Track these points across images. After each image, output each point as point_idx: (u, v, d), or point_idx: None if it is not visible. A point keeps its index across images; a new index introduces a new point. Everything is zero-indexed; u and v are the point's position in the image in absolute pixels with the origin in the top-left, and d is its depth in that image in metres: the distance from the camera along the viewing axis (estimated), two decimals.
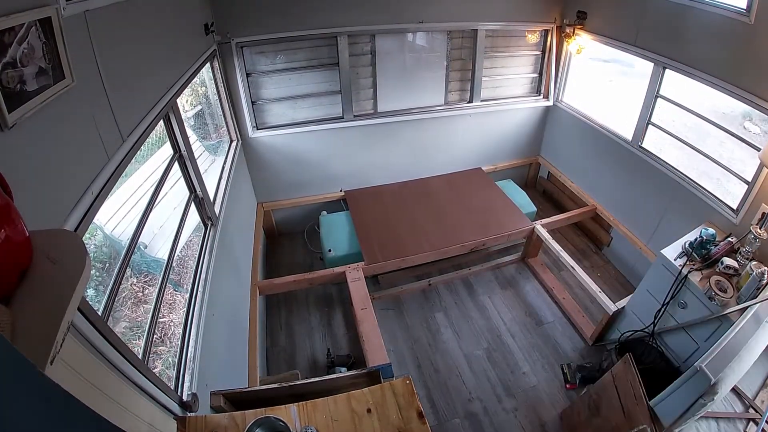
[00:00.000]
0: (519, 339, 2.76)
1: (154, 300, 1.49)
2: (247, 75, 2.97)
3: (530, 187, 4.25)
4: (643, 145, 2.85)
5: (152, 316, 1.43)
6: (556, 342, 2.74)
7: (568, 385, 2.49)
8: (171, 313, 1.92)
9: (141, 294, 1.93)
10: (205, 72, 2.76)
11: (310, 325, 2.92)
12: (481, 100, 3.56)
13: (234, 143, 3.04)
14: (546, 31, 3.43)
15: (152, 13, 1.69)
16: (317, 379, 1.76)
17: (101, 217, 1.70)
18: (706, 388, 1.58)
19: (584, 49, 3.19)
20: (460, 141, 3.70)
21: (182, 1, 2.12)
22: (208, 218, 2.17)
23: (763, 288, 1.87)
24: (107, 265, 1.70)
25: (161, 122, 1.79)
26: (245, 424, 1.21)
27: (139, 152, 1.46)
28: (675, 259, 2.14)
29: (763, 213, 2.04)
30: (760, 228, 2.02)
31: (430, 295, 3.11)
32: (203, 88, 2.97)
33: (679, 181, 2.57)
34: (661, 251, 2.20)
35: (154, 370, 1.25)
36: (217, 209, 2.31)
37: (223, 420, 1.27)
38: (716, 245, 2.13)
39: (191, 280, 1.82)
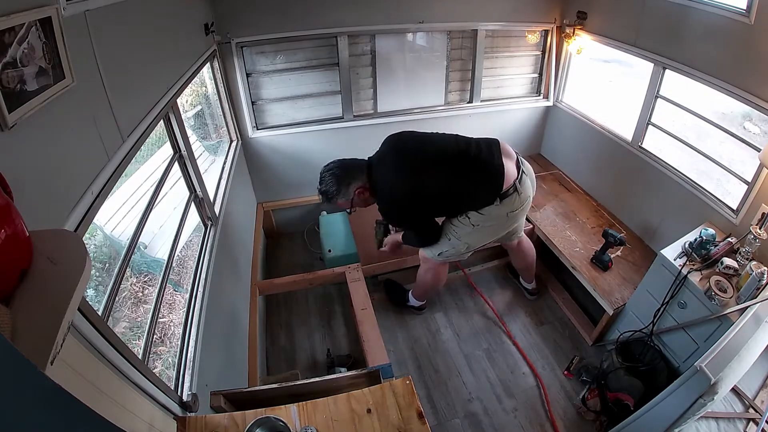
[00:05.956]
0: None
1: (154, 300, 1.49)
2: (247, 75, 2.97)
3: None
4: (643, 146, 2.85)
5: (152, 316, 1.43)
6: (556, 342, 2.74)
7: (566, 372, 2.53)
8: (171, 313, 1.92)
9: (141, 294, 1.93)
10: (205, 72, 2.75)
11: (310, 325, 2.92)
12: (481, 101, 3.55)
13: (234, 143, 3.04)
14: (546, 32, 3.42)
15: (153, 13, 1.69)
16: (317, 379, 1.76)
17: (101, 217, 1.71)
18: (706, 388, 1.58)
19: (584, 49, 3.19)
20: None
21: (182, 1, 2.13)
22: (208, 218, 2.17)
23: (763, 288, 1.87)
24: (107, 265, 1.70)
25: (161, 122, 1.79)
26: (245, 424, 1.21)
27: (139, 152, 1.46)
28: (675, 259, 2.14)
29: (763, 213, 2.04)
30: (759, 228, 2.01)
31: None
32: (203, 88, 2.97)
33: (679, 181, 2.56)
34: (661, 251, 2.20)
35: (154, 370, 1.25)
36: (217, 209, 2.31)
37: (223, 420, 1.27)
38: (716, 245, 2.13)
39: (191, 280, 1.82)
